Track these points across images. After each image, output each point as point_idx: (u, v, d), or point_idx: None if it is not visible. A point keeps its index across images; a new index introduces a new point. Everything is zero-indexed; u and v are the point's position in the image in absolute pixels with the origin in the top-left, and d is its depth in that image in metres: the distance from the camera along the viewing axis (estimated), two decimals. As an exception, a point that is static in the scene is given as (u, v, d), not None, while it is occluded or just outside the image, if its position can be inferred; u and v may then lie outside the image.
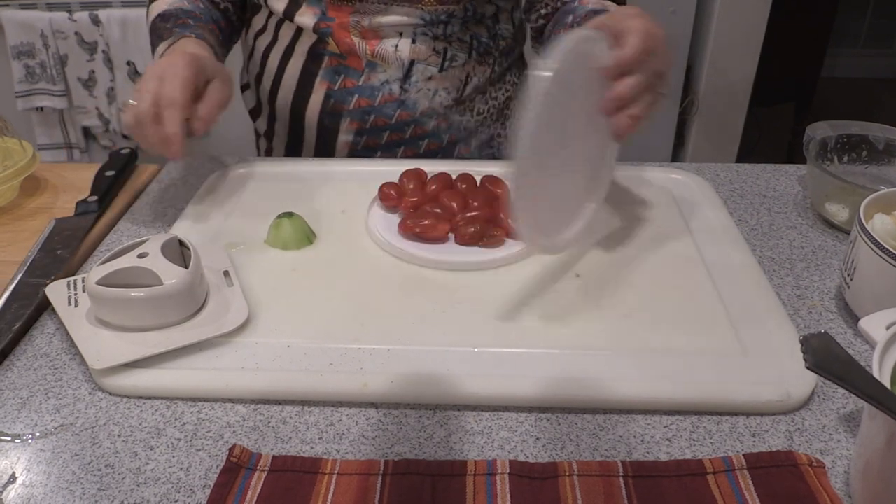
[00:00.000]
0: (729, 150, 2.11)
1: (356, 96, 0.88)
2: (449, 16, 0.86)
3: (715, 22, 1.90)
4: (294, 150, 0.96)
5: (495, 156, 0.97)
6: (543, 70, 0.53)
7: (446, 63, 0.88)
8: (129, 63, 1.78)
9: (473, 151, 0.95)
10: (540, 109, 0.53)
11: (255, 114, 1.01)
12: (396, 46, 0.85)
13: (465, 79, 0.90)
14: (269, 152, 1.01)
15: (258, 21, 0.92)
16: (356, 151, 0.91)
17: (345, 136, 0.90)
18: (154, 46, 0.83)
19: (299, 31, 0.87)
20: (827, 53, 2.50)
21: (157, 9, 0.85)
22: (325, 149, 0.93)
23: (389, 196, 0.73)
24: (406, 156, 0.91)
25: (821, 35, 2.42)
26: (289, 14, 0.86)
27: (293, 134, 0.94)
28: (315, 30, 0.85)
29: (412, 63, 0.87)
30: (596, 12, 0.81)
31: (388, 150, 0.91)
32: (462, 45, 0.89)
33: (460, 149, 0.94)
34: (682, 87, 2.04)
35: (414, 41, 0.86)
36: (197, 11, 0.85)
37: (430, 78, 0.88)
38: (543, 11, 0.91)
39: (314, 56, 0.88)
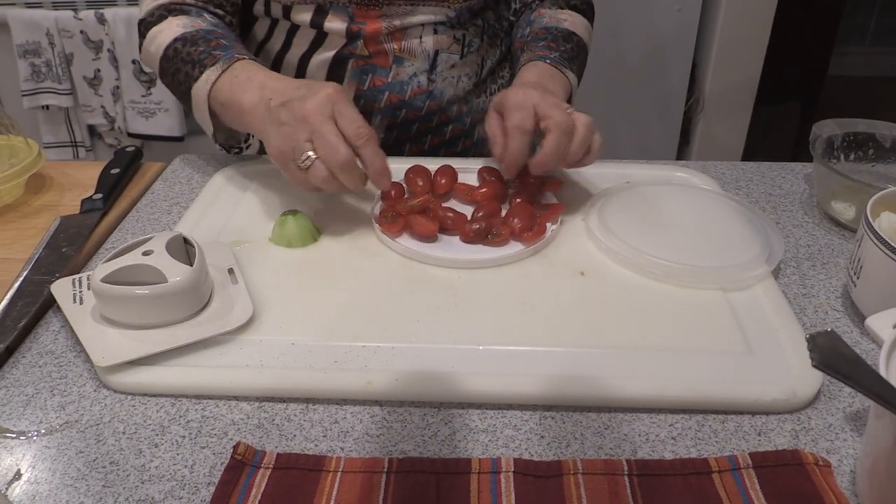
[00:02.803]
0: (734, 149, 2.10)
1: (386, 93, 0.88)
2: (469, 8, 0.89)
3: (721, 20, 1.90)
4: None
5: None
6: None
7: (465, 49, 0.90)
8: (134, 62, 1.78)
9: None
10: None
11: None
12: (421, 38, 0.87)
13: (481, 62, 0.93)
14: None
15: (260, 29, 0.91)
16: (387, 147, 0.91)
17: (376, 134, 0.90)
18: (176, 73, 0.77)
19: (321, 36, 0.87)
20: (833, 51, 2.50)
21: (166, 36, 0.79)
22: None
23: (388, 196, 0.73)
24: (434, 143, 0.93)
25: (827, 33, 2.41)
26: (316, 23, 0.85)
27: None
28: (347, 34, 0.85)
29: (437, 53, 0.88)
30: (547, 30, 0.88)
31: (417, 142, 0.92)
32: (476, 31, 0.92)
33: (479, 130, 0.96)
34: (687, 86, 2.03)
35: (436, 31, 0.88)
36: (220, 29, 0.80)
37: (452, 66, 0.90)
38: (514, 7, 0.97)
39: (339, 59, 0.87)
